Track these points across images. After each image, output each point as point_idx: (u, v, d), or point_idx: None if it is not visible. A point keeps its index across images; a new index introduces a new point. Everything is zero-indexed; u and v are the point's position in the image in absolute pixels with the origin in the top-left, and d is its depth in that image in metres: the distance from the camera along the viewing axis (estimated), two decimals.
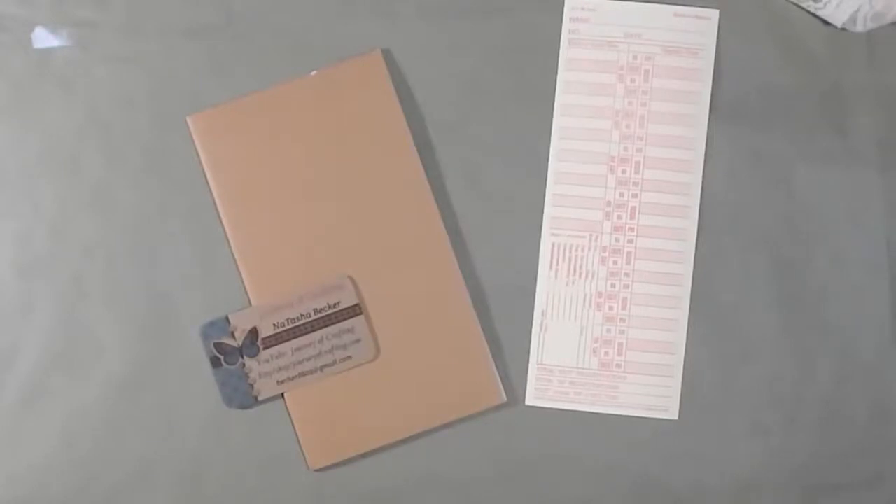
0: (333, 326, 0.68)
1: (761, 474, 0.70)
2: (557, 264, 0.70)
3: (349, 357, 0.68)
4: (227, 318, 0.68)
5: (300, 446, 0.69)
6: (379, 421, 0.68)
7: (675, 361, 0.70)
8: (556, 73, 0.71)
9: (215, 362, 0.68)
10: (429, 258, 0.69)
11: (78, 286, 0.70)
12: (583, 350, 0.70)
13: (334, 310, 0.68)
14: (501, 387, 0.69)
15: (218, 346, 0.68)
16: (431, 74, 0.71)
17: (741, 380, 0.70)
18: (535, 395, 0.70)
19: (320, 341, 0.68)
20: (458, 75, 0.71)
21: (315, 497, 0.70)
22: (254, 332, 0.68)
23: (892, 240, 0.71)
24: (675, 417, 0.70)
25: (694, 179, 0.70)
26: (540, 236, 0.70)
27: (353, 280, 0.68)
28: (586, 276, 0.70)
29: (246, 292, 0.69)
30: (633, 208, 0.70)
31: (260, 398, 0.68)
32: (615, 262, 0.70)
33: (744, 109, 0.71)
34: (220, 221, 0.70)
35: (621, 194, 0.70)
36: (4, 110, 0.71)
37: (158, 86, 0.71)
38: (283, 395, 0.69)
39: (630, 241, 0.70)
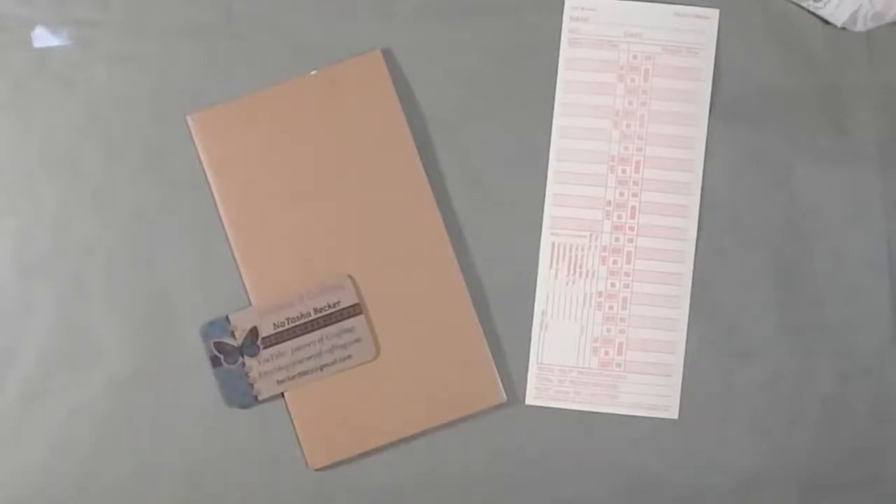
0: (333, 326, 0.68)
1: (761, 474, 0.70)
2: (557, 264, 0.70)
3: (349, 357, 0.68)
4: (227, 318, 0.68)
5: (300, 446, 0.69)
6: (379, 421, 0.68)
7: (675, 361, 0.70)
8: (556, 72, 0.71)
9: (215, 362, 0.68)
10: (429, 258, 0.69)
11: (78, 286, 0.70)
12: (583, 349, 0.70)
13: (334, 309, 0.68)
14: (501, 386, 0.69)
15: (218, 345, 0.68)
16: (431, 74, 0.71)
17: (741, 380, 0.70)
18: (536, 394, 0.70)
19: (320, 341, 0.68)
20: (458, 75, 0.71)
21: (315, 497, 0.70)
22: (254, 332, 0.68)
23: (892, 240, 0.71)
24: (675, 417, 0.70)
25: (694, 179, 0.70)
26: (540, 236, 0.70)
27: (353, 280, 0.68)
28: (586, 276, 0.70)
29: (246, 292, 0.69)
30: (633, 208, 0.70)
31: (260, 398, 0.68)
32: (615, 262, 0.70)
33: (744, 109, 0.71)
34: (220, 221, 0.70)
35: (621, 194, 0.70)
36: (4, 110, 0.71)
37: (158, 86, 0.71)
38: (283, 394, 0.69)
39: (630, 241, 0.70)
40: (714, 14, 0.71)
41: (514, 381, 0.70)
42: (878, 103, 0.71)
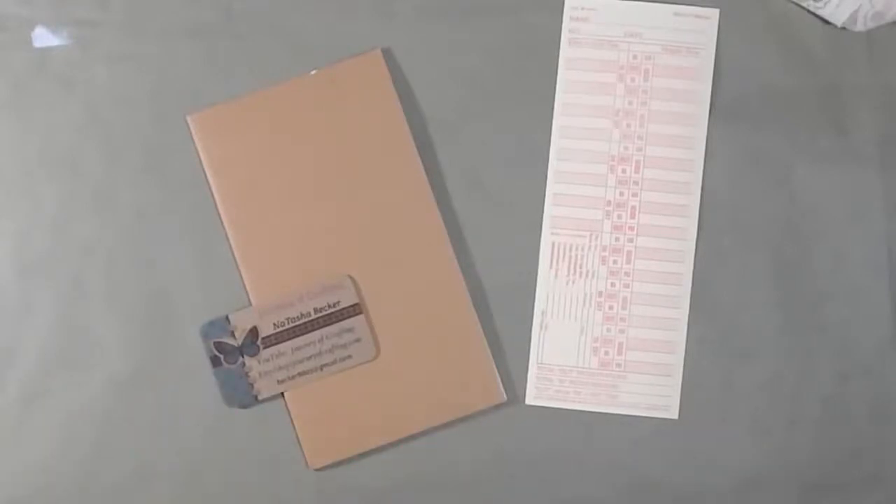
0: (333, 326, 0.68)
1: (761, 474, 0.70)
2: (557, 264, 0.70)
3: (349, 356, 0.68)
4: (227, 318, 0.68)
5: (300, 446, 0.69)
6: (379, 421, 0.68)
7: (675, 361, 0.70)
8: (556, 72, 0.71)
9: (215, 362, 0.68)
10: (429, 258, 0.69)
11: (78, 286, 0.70)
12: (583, 349, 0.70)
13: (334, 309, 0.68)
14: (501, 386, 0.69)
15: (218, 345, 0.68)
16: (431, 74, 0.71)
17: (741, 380, 0.70)
18: (536, 394, 0.70)
19: (320, 341, 0.68)
20: (458, 75, 0.71)
21: (315, 497, 0.70)
22: (254, 332, 0.68)
23: (892, 240, 0.71)
24: (676, 417, 0.70)
25: (694, 179, 0.70)
26: (540, 236, 0.70)
27: (353, 279, 0.68)
28: (586, 276, 0.70)
29: (246, 292, 0.69)
30: (634, 207, 0.70)
31: (260, 397, 0.68)
32: (615, 262, 0.70)
33: (744, 109, 0.71)
34: (220, 221, 0.70)
35: (621, 193, 0.70)
36: (4, 109, 0.71)
37: (158, 85, 0.71)
38: (283, 394, 0.69)
39: (630, 241, 0.70)
40: (714, 14, 0.71)
41: (514, 381, 0.70)
42: (878, 103, 0.71)
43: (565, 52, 0.71)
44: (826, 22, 0.71)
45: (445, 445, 0.70)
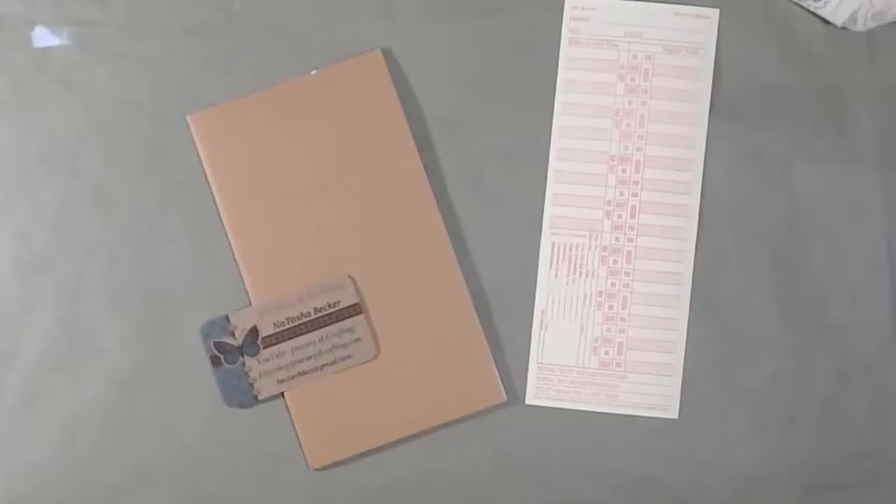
0: (333, 325, 0.68)
1: (761, 474, 0.70)
2: (557, 263, 0.70)
3: (349, 356, 0.68)
4: (227, 318, 0.68)
5: (300, 445, 0.69)
6: (379, 420, 0.68)
7: (676, 361, 0.70)
8: (556, 72, 0.71)
9: (215, 361, 0.68)
10: (429, 258, 0.69)
11: (78, 286, 0.70)
12: (583, 349, 0.70)
13: (334, 309, 0.68)
14: (501, 386, 0.69)
15: (218, 345, 0.68)
16: (431, 74, 0.71)
17: (741, 380, 0.70)
18: (536, 394, 0.70)
19: (320, 340, 0.68)
20: (459, 75, 0.71)
21: (315, 496, 0.70)
22: (254, 331, 0.68)
23: (892, 240, 0.71)
24: (675, 417, 0.70)
25: (694, 178, 0.70)
26: (540, 236, 0.70)
27: (353, 279, 0.68)
28: (586, 276, 0.70)
29: (246, 291, 0.69)
30: (634, 207, 0.70)
31: (260, 397, 0.68)
32: (615, 262, 0.70)
33: (744, 109, 0.71)
34: (220, 221, 0.70)
35: (621, 193, 0.70)
36: (4, 109, 0.71)
37: (158, 85, 0.71)
38: (283, 394, 0.69)
39: (630, 241, 0.70)
40: (714, 14, 0.71)
41: (514, 380, 0.70)
42: (878, 103, 0.71)
43: (565, 51, 0.71)
44: (826, 22, 0.71)
45: (445, 445, 0.70)
